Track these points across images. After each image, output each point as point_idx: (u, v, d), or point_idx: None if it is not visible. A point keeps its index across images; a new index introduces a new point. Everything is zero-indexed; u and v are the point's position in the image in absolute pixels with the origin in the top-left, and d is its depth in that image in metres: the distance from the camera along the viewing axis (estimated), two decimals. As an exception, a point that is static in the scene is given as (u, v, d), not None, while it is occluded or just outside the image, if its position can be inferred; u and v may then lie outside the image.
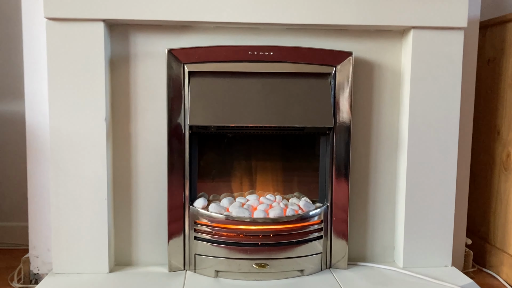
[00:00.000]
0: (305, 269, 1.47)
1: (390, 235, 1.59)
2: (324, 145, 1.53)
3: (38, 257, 1.53)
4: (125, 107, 1.49)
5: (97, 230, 1.45)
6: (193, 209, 1.47)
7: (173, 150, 1.46)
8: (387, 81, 1.54)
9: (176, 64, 1.43)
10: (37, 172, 1.51)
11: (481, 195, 1.80)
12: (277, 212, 1.45)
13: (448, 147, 1.51)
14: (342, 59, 1.47)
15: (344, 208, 1.51)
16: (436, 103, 1.50)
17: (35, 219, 1.52)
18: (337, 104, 1.48)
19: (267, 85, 1.46)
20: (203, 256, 1.46)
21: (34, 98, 1.51)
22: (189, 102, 1.43)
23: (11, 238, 1.92)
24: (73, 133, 1.42)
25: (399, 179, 1.55)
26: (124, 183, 1.51)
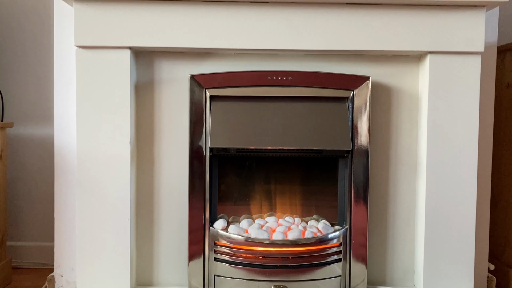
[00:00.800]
0: (324, 292, 1.48)
1: (410, 259, 1.58)
2: (343, 168, 1.55)
3: (63, 276, 1.57)
4: (149, 131, 1.54)
5: (120, 251, 1.49)
6: (213, 230, 1.50)
7: (194, 172, 1.49)
8: (404, 105, 1.56)
9: (198, 89, 1.48)
10: (64, 193, 1.57)
11: (503, 220, 1.78)
12: (295, 234, 1.47)
13: (467, 170, 1.51)
14: (359, 84, 1.50)
15: (363, 231, 1.51)
16: (454, 127, 1.50)
17: (61, 239, 1.57)
18: (355, 128, 1.50)
19: (286, 109, 1.50)
20: (223, 277, 1.48)
21: (63, 121, 1.58)
22: (210, 125, 1.47)
23: (37, 257, 1.98)
24: (99, 155, 1.47)
25: (418, 203, 1.55)
26: (147, 205, 1.55)
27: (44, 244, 1.98)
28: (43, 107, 1.98)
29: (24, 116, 1.99)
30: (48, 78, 1.97)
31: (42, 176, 1.99)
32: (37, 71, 1.99)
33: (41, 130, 1.99)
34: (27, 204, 2.00)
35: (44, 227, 1.99)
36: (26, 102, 1.99)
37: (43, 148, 1.99)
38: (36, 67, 1.99)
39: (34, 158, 1.99)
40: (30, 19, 1.98)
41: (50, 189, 1.96)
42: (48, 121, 1.98)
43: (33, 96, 1.99)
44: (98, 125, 1.47)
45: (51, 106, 1.94)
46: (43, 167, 1.99)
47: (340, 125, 1.49)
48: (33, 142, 1.99)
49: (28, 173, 1.99)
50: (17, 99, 1.99)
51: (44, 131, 1.98)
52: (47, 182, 1.98)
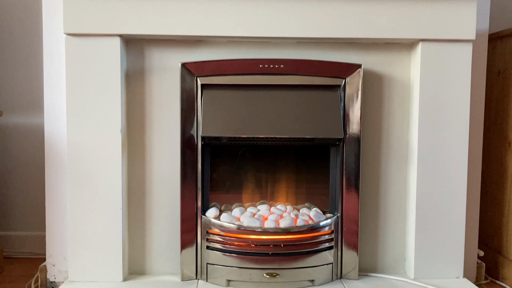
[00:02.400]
0: (315, 279, 1.49)
1: (401, 246, 1.60)
2: (334, 156, 1.55)
3: (55, 266, 1.57)
4: (140, 119, 1.53)
5: (112, 240, 1.49)
6: (205, 219, 1.50)
7: (186, 161, 1.49)
8: (396, 93, 1.56)
9: (190, 77, 1.47)
10: (55, 182, 1.56)
11: (493, 207, 1.80)
12: (287, 222, 1.47)
13: (458, 158, 1.52)
14: (351, 72, 1.50)
15: (355, 219, 1.52)
16: (445, 115, 1.51)
17: (52, 228, 1.57)
18: (347, 116, 1.51)
19: (278, 97, 1.49)
20: (215, 265, 1.48)
21: (53, 110, 1.56)
22: (201, 114, 1.47)
23: (28, 247, 1.97)
24: (89, 144, 1.46)
25: (410, 190, 1.56)
26: (138, 194, 1.55)
27: (36, 233, 1.97)
28: (32, 96, 1.96)
29: (13, 105, 1.97)
30: (37, 66, 1.95)
31: (33, 165, 1.98)
32: (26, 59, 1.96)
33: (30, 119, 1.97)
34: (18, 194, 1.98)
35: (35, 217, 1.98)
36: (15, 90, 1.96)
37: (33, 137, 1.97)
38: (25, 55, 1.96)
39: (24, 147, 1.97)
40: (18, 6, 1.95)
41: (41, 179, 1.95)
42: (37, 109, 1.96)
43: (22, 85, 1.96)
44: (89, 114, 1.46)
45: (41, 95, 1.93)
46: (33, 157, 1.97)
47: (332, 113, 1.49)
48: (22, 131, 1.97)
49: (18, 162, 1.98)
50: (6, 87, 1.97)
51: (34, 120, 1.96)
52: (38, 171, 1.97)
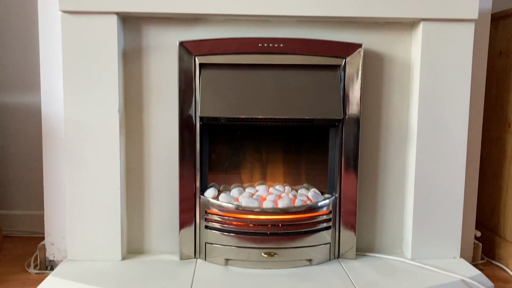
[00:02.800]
0: (313, 259, 1.50)
1: (399, 227, 1.61)
2: (333, 137, 1.55)
3: (54, 245, 1.58)
4: (138, 99, 1.52)
5: (110, 219, 1.49)
6: (203, 199, 1.50)
7: (184, 141, 1.48)
8: (396, 73, 1.55)
9: (187, 56, 1.45)
10: (53, 162, 1.55)
11: (491, 187, 1.80)
12: (286, 202, 1.47)
13: (457, 139, 1.51)
14: (352, 51, 1.48)
15: (353, 200, 1.53)
16: (446, 95, 1.50)
17: (50, 208, 1.57)
18: (347, 96, 1.49)
19: (277, 77, 1.48)
20: (214, 244, 1.49)
21: (50, 89, 1.54)
22: (200, 94, 1.46)
23: (27, 226, 1.98)
24: (87, 124, 1.45)
25: (408, 171, 1.56)
26: (137, 173, 1.54)
27: (35, 212, 1.98)
28: (29, 75, 1.94)
29: (9, 84, 1.95)
30: (33, 44, 1.92)
31: (30, 144, 1.97)
32: (22, 37, 1.93)
33: (28, 98, 1.95)
34: (16, 173, 1.98)
35: (34, 196, 1.98)
36: (11, 69, 1.94)
37: (31, 116, 1.96)
38: (21, 33, 1.93)
39: (21, 126, 1.96)
40: (13, -18, 1.92)
41: (39, 158, 1.94)
42: (34, 88, 1.94)
43: (18, 64, 1.94)
44: (86, 93, 1.45)
45: (38, 74, 1.91)
46: (31, 136, 1.96)
47: (332, 94, 1.47)
48: (20, 110, 1.95)
49: (15, 141, 1.97)
50: (2, 66, 1.94)
51: (31, 99, 1.95)
52: (35, 150, 1.96)
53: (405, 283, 1.36)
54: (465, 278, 1.39)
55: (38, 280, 1.47)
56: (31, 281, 1.48)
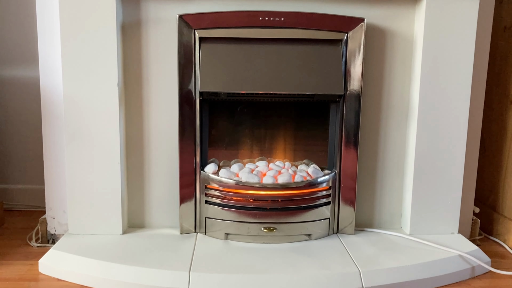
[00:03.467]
0: (312, 234, 1.51)
1: (398, 203, 1.61)
2: (334, 113, 1.54)
3: (55, 218, 1.59)
4: (137, 73, 1.50)
5: (111, 193, 1.50)
6: (204, 174, 1.50)
7: (184, 116, 1.48)
8: (399, 48, 1.53)
9: (187, 29, 1.43)
10: (52, 136, 1.55)
11: (491, 164, 1.80)
12: (285, 178, 1.48)
13: (458, 116, 1.51)
14: (354, 26, 1.46)
15: (352, 176, 1.53)
16: (448, 71, 1.48)
17: (51, 182, 1.57)
18: (348, 72, 1.48)
19: (278, 52, 1.46)
20: (214, 219, 1.50)
21: (48, 63, 1.53)
22: (199, 69, 1.44)
23: (29, 200, 1.99)
24: (86, 98, 1.45)
25: (409, 147, 1.56)
26: (137, 148, 1.54)
27: (36, 187, 1.98)
28: (27, 49, 1.92)
29: (7, 57, 1.93)
30: (30, 17, 1.89)
31: (30, 118, 1.96)
32: (19, 9, 1.90)
33: (26, 71, 1.93)
34: (16, 147, 1.98)
35: (35, 170, 1.99)
36: (9, 42, 1.92)
37: (29, 89, 1.94)
38: (18, 5, 1.90)
39: (20, 100, 1.95)
40: (9, -47, 1.88)
41: (38, 132, 1.94)
42: (33, 62, 1.92)
43: (15, 37, 1.92)
44: (84, 67, 1.43)
45: (35, 47, 1.89)
46: (30, 109, 1.95)
47: (333, 69, 1.46)
48: (18, 84, 1.94)
49: (15, 115, 1.96)
50: (0, 39, 1.92)
51: (29, 73, 1.93)
52: (35, 124, 1.95)
53: (403, 257, 1.38)
54: (462, 253, 1.40)
55: (40, 253, 1.48)
56: (33, 254, 1.50)
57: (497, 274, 1.42)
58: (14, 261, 1.45)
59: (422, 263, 1.35)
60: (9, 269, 1.40)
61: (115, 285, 1.27)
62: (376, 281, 1.28)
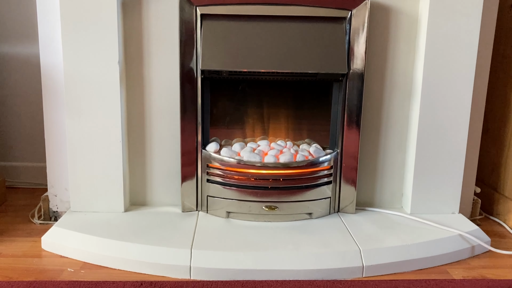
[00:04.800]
0: (313, 213, 1.52)
1: (399, 182, 1.62)
2: (337, 92, 1.53)
3: (57, 196, 1.60)
4: (138, 50, 1.49)
5: (112, 171, 1.50)
6: (205, 153, 1.50)
7: (185, 95, 1.47)
8: (403, 27, 1.50)
9: (188, 6, 1.41)
10: (53, 114, 1.54)
11: (493, 145, 1.80)
12: (287, 157, 1.48)
13: (462, 95, 1.49)
14: (358, 3, 1.43)
15: (354, 155, 1.53)
16: (452, 50, 1.46)
17: (52, 159, 1.57)
18: (352, 50, 1.46)
19: (281, 29, 1.44)
20: (215, 197, 1.51)
21: (48, 40, 1.51)
22: (201, 46, 1.42)
23: (31, 177, 2.00)
24: (87, 76, 1.43)
25: (411, 127, 1.55)
26: (138, 126, 1.54)
27: (38, 164, 1.99)
28: (27, 25, 1.89)
29: (7, 34, 1.91)
30: (30, -7, 1.87)
31: (30, 95, 1.95)
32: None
33: (26, 48, 1.91)
34: (18, 125, 1.98)
35: (37, 147, 1.99)
36: (8, 19, 1.90)
37: (30, 67, 1.93)
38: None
39: (21, 77, 1.94)
40: None
41: (39, 109, 1.93)
42: (33, 39, 1.90)
43: (15, 13, 1.89)
44: (85, 45, 1.42)
45: (35, 24, 1.86)
46: (31, 87, 1.94)
47: (336, 48, 1.44)
48: (19, 60, 1.92)
49: (15, 92, 1.95)
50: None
51: (30, 50, 1.91)
52: (36, 102, 1.95)
53: (403, 236, 1.38)
54: (462, 233, 1.41)
55: (43, 230, 1.49)
56: (36, 231, 1.51)
57: (497, 254, 1.43)
58: (17, 238, 1.46)
59: (422, 242, 1.36)
60: (12, 245, 1.41)
61: (117, 262, 1.28)
62: (376, 260, 1.29)
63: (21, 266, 1.28)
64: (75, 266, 1.29)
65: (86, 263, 1.31)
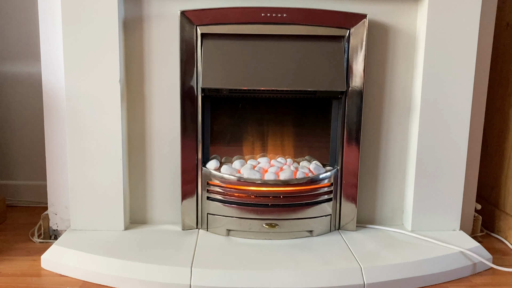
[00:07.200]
0: (314, 230, 1.51)
1: (400, 199, 1.61)
2: (336, 109, 1.54)
3: (57, 214, 1.59)
4: (139, 69, 1.50)
5: (113, 189, 1.50)
6: (205, 171, 1.50)
7: (186, 113, 1.48)
8: (401, 44, 1.52)
9: (189, 26, 1.43)
10: (54, 132, 1.55)
11: (493, 160, 1.80)
12: (287, 174, 1.48)
13: (461, 111, 1.50)
14: (356, 22, 1.45)
15: (354, 172, 1.53)
16: (450, 68, 1.48)
17: (53, 178, 1.58)
18: (350, 68, 1.48)
19: (280, 48, 1.46)
20: (215, 215, 1.51)
21: (50, 59, 1.53)
22: (201, 65, 1.44)
23: (31, 196, 1.99)
24: (88, 94, 1.45)
25: (411, 144, 1.56)
26: (139, 144, 1.54)
27: (38, 182, 1.99)
28: (29, 44, 1.92)
29: (10, 53, 1.93)
30: (32, 13, 1.89)
31: (32, 114, 1.96)
32: (21, 6, 1.90)
33: (28, 67, 1.93)
34: (19, 143, 1.98)
35: (37, 166, 1.99)
36: (11, 38, 1.92)
37: (32, 85, 1.94)
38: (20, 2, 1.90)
39: (23, 96, 1.95)
40: (10, -51, 1.87)
41: (41, 128, 1.94)
42: (35, 58, 1.92)
43: (17, 33, 1.92)
44: (86, 63, 1.43)
45: (37, 43, 1.88)
46: (32, 105, 1.95)
47: (335, 66, 1.46)
48: (20, 80, 1.94)
49: (17, 111, 1.96)
50: (1, 36, 1.92)
51: (31, 69, 1.93)
52: (37, 120, 1.95)
53: (404, 254, 1.38)
54: (464, 250, 1.40)
55: (43, 248, 1.49)
56: (36, 250, 1.51)
57: (499, 271, 1.42)
58: (16, 257, 1.46)
59: (423, 260, 1.35)
60: (12, 264, 1.40)
61: (117, 280, 1.28)
62: (377, 277, 1.28)
63: (21, 285, 1.28)
64: (74, 285, 1.29)
65: (86, 282, 1.30)
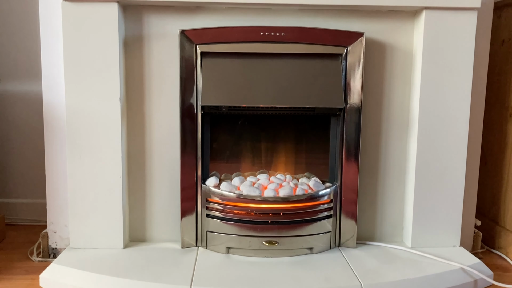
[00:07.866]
0: (314, 247, 1.51)
1: (399, 215, 1.61)
2: (335, 126, 1.55)
3: (56, 233, 1.59)
4: (139, 87, 1.52)
5: (112, 207, 1.50)
6: (205, 188, 1.51)
7: (185, 130, 1.48)
8: (398, 62, 1.54)
9: (189, 45, 1.45)
10: (54, 151, 1.56)
11: (492, 177, 1.80)
12: (287, 191, 1.48)
13: (459, 128, 1.51)
14: (353, 40, 1.47)
15: (354, 188, 1.53)
16: (447, 84, 1.49)
17: (52, 196, 1.58)
18: (348, 85, 1.49)
19: (279, 66, 1.47)
20: (215, 233, 1.50)
21: (51, 78, 1.54)
22: (201, 83, 1.45)
23: (30, 214, 1.99)
24: (89, 113, 1.46)
25: (409, 160, 1.56)
26: (138, 162, 1.55)
27: (37, 201, 1.99)
28: (30, 63, 1.94)
29: (11, 72, 1.94)
30: (34, 32, 1.92)
31: (32, 132, 1.97)
32: (23, 25, 1.93)
33: (29, 86, 1.95)
34: (18, 162, 1.99)
35: (36, 184, 1.99)
36: (12, 57, 1.94)
37: (32, 104, 1.96)
38: (22, 21, 1.92)
39: (23, 114, 1.96)
40: (13, -30, 1.90)
41: (40, 146, 1.95)
42: (36, 77, 1.94)
43: (19, 52, 1.94)
44: (87, 82, 1.44)
45: (39, 62, 1.90)
46: (32, 124, 1.96)
47: (333, 83, 1.47)
48: (21, 98, 1.95)
49: (17, 129, 1.97)
50: (3, 54, 1.94)
51: (32, 87, 1.95)
52: (37, 138, 1.96)
53: (404, 271, 1.37)
54: (464, 267, 1.40)
55: (41, 267, 1.48)
56: (34, 269, 1.50)
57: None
58: (15, 276, 1.45)
59: (424, 276, 1.34)
60: (10, 283, 1.40)
61: (116, 299, 1.27)
62: (378, 295, 1.27)
63: (19, 305, 1.27)
64: (73, 304, 1.28)
65: (85, 301, 1.29)
